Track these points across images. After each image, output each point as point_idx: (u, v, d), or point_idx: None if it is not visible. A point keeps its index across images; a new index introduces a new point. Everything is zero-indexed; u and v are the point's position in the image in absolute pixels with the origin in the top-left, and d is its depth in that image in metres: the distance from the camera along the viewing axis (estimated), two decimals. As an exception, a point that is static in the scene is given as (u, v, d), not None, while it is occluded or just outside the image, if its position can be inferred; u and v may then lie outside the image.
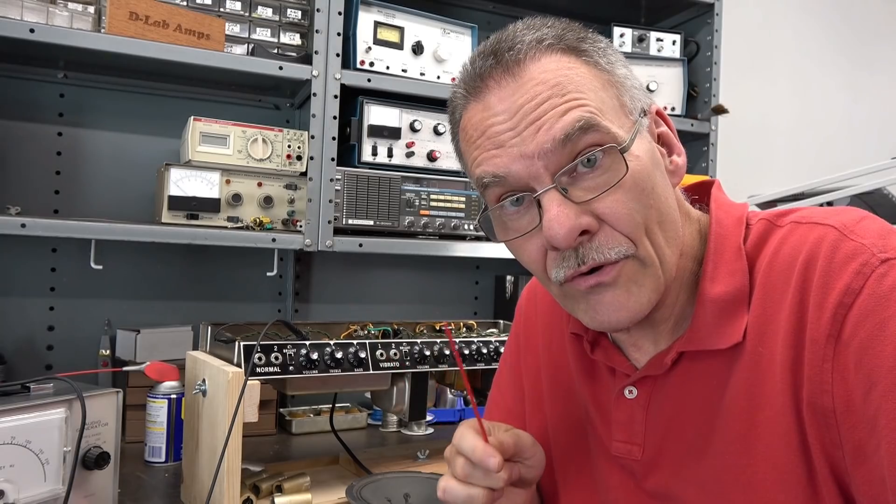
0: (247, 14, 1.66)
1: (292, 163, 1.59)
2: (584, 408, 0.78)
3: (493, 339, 1.36)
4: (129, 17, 1.43)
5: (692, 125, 2.00)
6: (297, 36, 1.71)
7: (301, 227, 1.58)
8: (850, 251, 0.58)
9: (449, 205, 1.70)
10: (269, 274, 1.62)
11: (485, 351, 1.32)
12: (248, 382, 1.05)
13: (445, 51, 1.72)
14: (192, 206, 1.49)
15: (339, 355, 1.16)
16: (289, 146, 1.59)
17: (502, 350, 1.10)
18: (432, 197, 1.68)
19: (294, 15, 1.71)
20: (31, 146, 1.64)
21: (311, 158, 1.57)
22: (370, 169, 1.63)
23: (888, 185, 1.56)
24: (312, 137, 1.57)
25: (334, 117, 1.58)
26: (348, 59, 1.62)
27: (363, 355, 1.18)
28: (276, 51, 1.67)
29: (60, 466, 0.96)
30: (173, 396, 1.41)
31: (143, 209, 1.70)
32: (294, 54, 1.69)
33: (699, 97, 2.05)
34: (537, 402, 0.86)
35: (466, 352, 1.30)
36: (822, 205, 1.63)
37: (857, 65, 2.92)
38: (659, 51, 2.01)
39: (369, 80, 1.62)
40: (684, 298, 0.69)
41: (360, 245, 1.59)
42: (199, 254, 1.80)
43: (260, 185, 1.58)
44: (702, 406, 0.66)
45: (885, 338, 0.54)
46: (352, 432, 1.70)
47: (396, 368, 1.22)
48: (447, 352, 1.27)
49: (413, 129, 1.68)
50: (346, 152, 1.65)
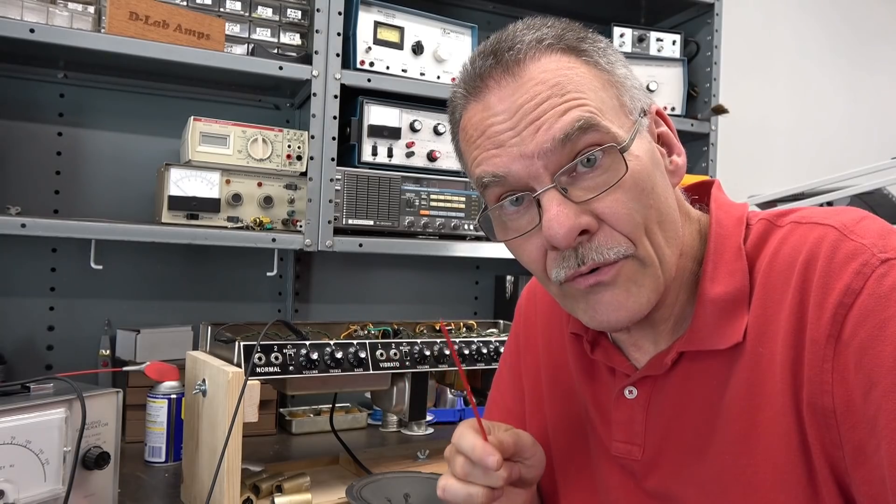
0: (247, 14, 1.66)
1: (292, 163, 1.59)
2: (584, 408, 0.78)
3: (493, 339, 1.36)
4: (129, 17, 1.43)
5: (692, 125, 2.00)
6: (297, 36, 1.71)
7: (301, 227, 1.58)
8: (851, 251, 0.58)
9: (449, 205, 1.70)
10: (269, 274, 1.62)
11: (485, 351, 1.32)
12: (248, 382, 1.05)
13: (445, 51, 1.72)
14: (192, 206, 1.49)
15: (339, 355, 1.16)
16: (289, 146, 1.59)
17: (502, 350, 1.10)
18: (432, 197, 1.68)
19: (294, 15, 1.71)
20: (31, 146, 1.64)
21: (311, 158, 1.57)
22: (370, 169, 1.63)
23: (888, 185, 1.56)
24: (312, 137, 1.57)
25: (334, 117, 1.58)
26: (348, 59, 1.62)
27: (363, 355, 1.18)
28: (276, 51, 1.67)
29: (60, 466, 0.96)
30: (173, 396, 1.41)
31: (143, 209, 1.70)
32: (294, 54, 1.69)
33: (699, 97, 2.05)
34: (537, 403, 0.86)
35: (466, 352, 1.30)
36: (822, 205, 1.63)
37: (857, 65, 2.92)
38: (659, 51, 2.01)
39: (369, 80, 1.62)
40: (684, 298, 0.69)
41: (360, 245, 1.59)
42: (199, 254, 1.80)
43: (260, 185, 1.58)
44: (702, 406, 0.66)
45: (886, 338, 0.54)
46: (352, 432, 1.70)
47: (396, 368, 1.22)
48: (447, 352, 1.27)
49: (413, 129, 1.68)
50: (346, 152, 1.65)
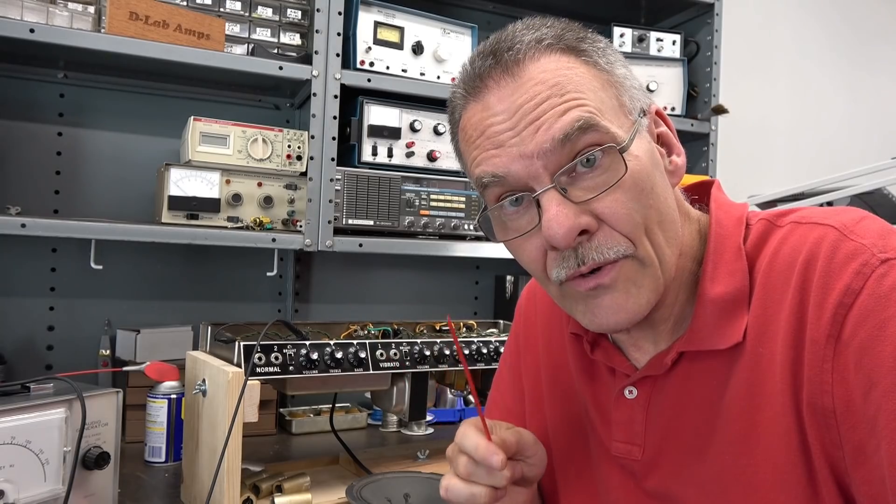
0: (247, 14, 1.66)
1: (292, 163, 1.59)
2: (584, 408, 0.78)
3: (493, 339, 1.36)
4: (129, 17, 1.43)
5: (692, 125, 2.00)
6: (297, 36, 1.71)
7: (301, 227, 1.58)
8: (850, 251, 0.58)
9: (449, 205, 1.70)
10: (269, 274, 1.61)
11: (485, 351, 1.32)
12: (248, 382, 1.05)
13: (445, 51, 1.72)
14: (192, 206, 1.49)
15: (339, 355, 1.16)
16: (289, 146, 1.59)
17: (502, 350, 1.10)
18: (432, 197, 1.68)
19: (294, 15, 1.70)
20: (31, 146, 1.64)
21: (311, 158, 1.57)
22: (370, 169, 1.63)
23: (888, 185, 1.56)
24: (312, 137, 1.57)
25: (334, 117, 1.58)
26: (348, 59, 1.62)
27: (363, 355, 1.18)
28: (276, 51, 1.67)
29: (60, 466, 0.96)
30: (173, 396, 1.41)
31: (143, 209, 1.70)
32: (294, 54, 1.69)
33: (699, 97, 2.05)
34: (537, 403, 0.86)
35: (466, 352, 1.31)
36: (822, 205, 1.63)
37: (857, 65, 2.92)
38: (659, 51, 2.01)
39: (369, 80, 1.62)
40: (684, 298, 0.69)
41: (360, 245, 1.59)
42: (199, 254, 1.80)
43: (260, 185, 1.58)
44: (702, 406, 0.66)
45: (885, 338, 0.54)
46: (352, 432, 1.70)
47: (396, 368, 1.22)
48: (447, 352, 1.27)
49: (413, 129, 1.68)
50: (346, 152, 1.65)
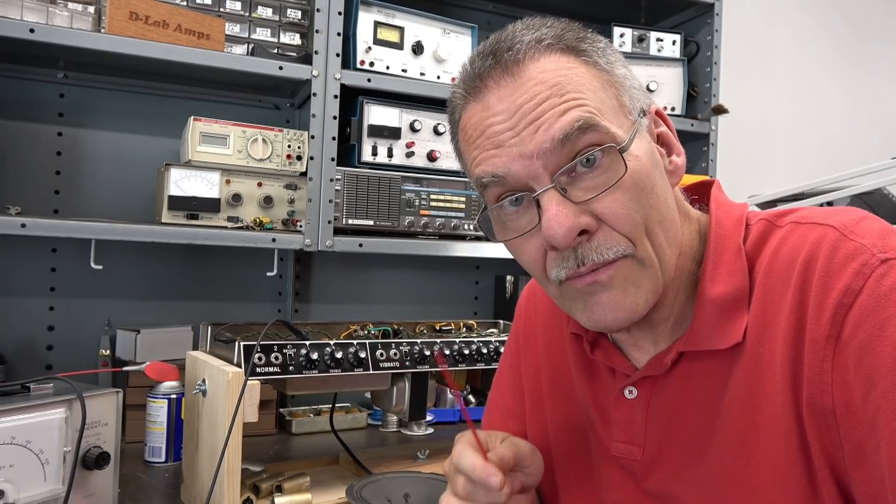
0: (247, 14, 1.66)
1: (292, 163, 1.59)
2: (584, 408, 0.78)
3: (493, 339, 1.36)
4: (129, 17, 1.43)
5: (692, 125, 2.00)
6: (297, 36, 1.71)
7: (301, 227, 1.58)
8: (850, 251, 0.58)
9: (449, 205, 1.70)
10: (269, 274, 1.62)
11: (485, 351, 1.32)
12: (248, 382, 1.05)
13: (445, 51, 1.72)
14: (192, 206, 1.49)
15: (339, 355, 1.16)
16: (289, 146, 1.59)
17: (502, 350, 1.10)
18: (432, 197, 1.68)
19: (294, 15, 1.70)
20: (31, 146, 1.64)
21: (311, 158, 1.57)
22: (370, 169, 1.63)
23: (888, 185, 1.56)
24: (312, 137, 1.57)
25: (334, 117, 1.58)
26: (348, 59, 1.62)
27: (363, 355, 1.18)
28: (276, 51, 1.67)
29: (60, 466, 0.96)
30: (173, 396, 1.41)
31: (143, 209, 1.70)
32: (294, 54, 1.69)
33: (699, 97, 2.05)
34: (537, 403, 0.86)
35: (466, 352, 1.30)
36: (822, 205, 1.63)
37: (857, 65, 2.92)
38: (659, 51, 2.01)
39: (369, 80, 1.62)
40: (683, 298, 0.69)
41: (360, 245, 1.59)
42: (199, 254, 1.80)
43: (260, 185, 1.58)
44: (702, 406, 0.66)
45: (885, 338, 0.54)
46: (352, 432, 1.70)
47: (396, 368, 1.22)
48: (447, 352, 1.27)
49: (413, 129, 1.68)
50: (346, 152, 1.65)
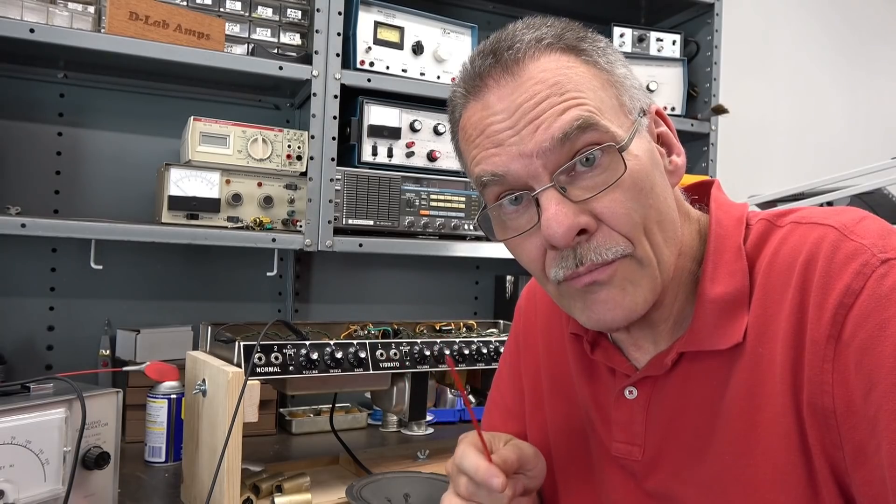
0: (247, 14, 1.66)
1: (292, 163, 1.59)
2: (584, 408, 0.78)
3: (493, 339, 1.36)
4: (129, 17, 1.43)
5: (692, 125, 1.99)
6: (297, 36, 1.71)
7: (301, 227, 1.58)
8: (851, 251, 0.58)
9: (449, 205, 1.70)
10: (269, 274, 1.62)
11: (485, 351, 1.32)
12: (248, 382, 1.05)
13: (445, 51, 1.72)
14: (192, 206, 1.49)
15: (339, 355, 1.16)
16: (289, 146, 1.59)
17: (502, 350, 1.10)
18: (432, 197, 1.68)
19: (294, 15, 1.70)
20: (31, 146, 1.64)
21: (311, 158, 1.57)
22: (370, 169, 1.63)
23: (888, 185, 1.56)
24: (312, 137, 1.57)
25: (334, 117, 1.58)
26: (348, 59, 1.62)
27: (363, 355, 1.18)
28: (276, 51, 1.67)
29: (60, 466, 0.96)
30: (173, 396, 1.41)
31: (143, 209, 1.70)
32: (294, 54, 1.69)
33: (699, 97, 2.05)
34: (537, 403, 0.86)
35: (466, 352, 1.30)
36: (822, 205, 1.62)
37: (857, 65, 2.92)
38: (659, 51, 2.01)
39: (369, 80, 1.62)
40: (683, 298, 0.69)
41: (360, 245, 1.59)
42: (199, 254, 1.80)
43: (260, 185, 1.58)
44: (702, 407, 0.66)
45: (886, 338, 0.54)
46: (352, 432, 1.70)
47: (396, 368, 1.22)
48: (447, 352, 1.27)
49: (413, 129, 1.68)
50: (346, 152, 1.65)
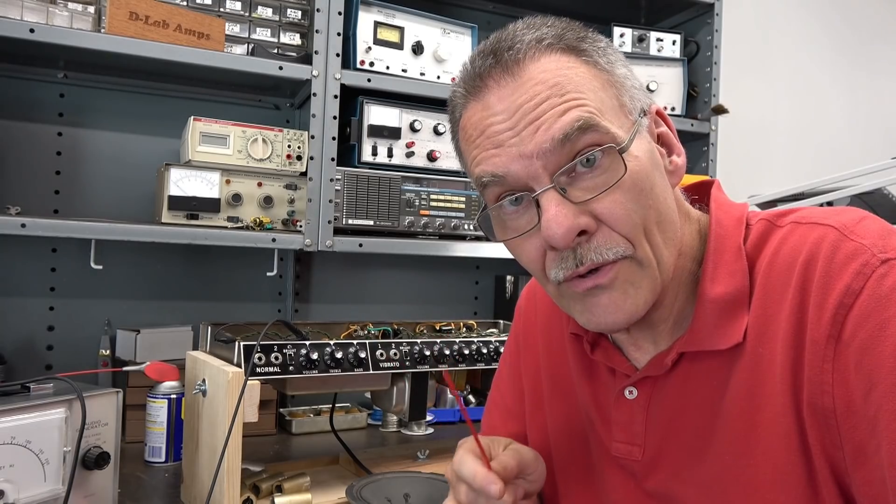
0: (247, 14, 1.66)
1: (292, 163, 1.59)
2: (584, 408, 0.78)
3: (493, 339, 1.36)
4: (129, 17, 1.43)
5: (692, 125, 1.99)
6: (297, 36, 1.71)
7: (301, 227, 1.58)
8: (851, 251, 0.58)
9: (449, 205, 1.70)
10: (269, 274, 1.61)
11: (485, 351, 1.32)
12: (248, 382, 1.05)
13: (445, 51, 1.72)
14: (192, 206, 1.49)
15: (339, 355, 1.16)
16: (289, 146, 1.59)
17: (502, 350, 1.10)
18: (432, 197, 1.68)
19: (294, 15, 1.70)
20: (31, 146, 1.64)
21: (311, 158, 1.57)
22: (370, 169, 1.63)
23: (888, 185, 1.56)
24: (312, 137, 1.57)
25: (334, 117, 1.58)
26: (348, 59, 1.62)
27: (363, 355, 1.18)
28: (276, 51, 1.67)
29: (60, 466, 0.96)
30: (173, 396, 1.41)
31: (143, 209, 1.70)
32: (294, 54, 1.69)
33: (699, 97, 2.04)
34: (537, 403, 0.86)
35: (466, 352, 1.30)
36: (822, 205, 1.62)
37: (857, 65, 2.92)
38: (659, 51, 2.01)
39: (369, 80, 1.62)
40: (683, 298, 0.69)
41: (360, 245, 1.59)
42: (199, 254, 1.80)
43: (260, 185, 1.58)
44: (702, 407, 0.66)
45: (886, 338, 0.54)
46: (352, 432, 1.70)
47: (396, 368, 1.22)
48: (447, 352, 1.27)
49: (413, 129, 1.68)
50: (346, 152, 1.65)
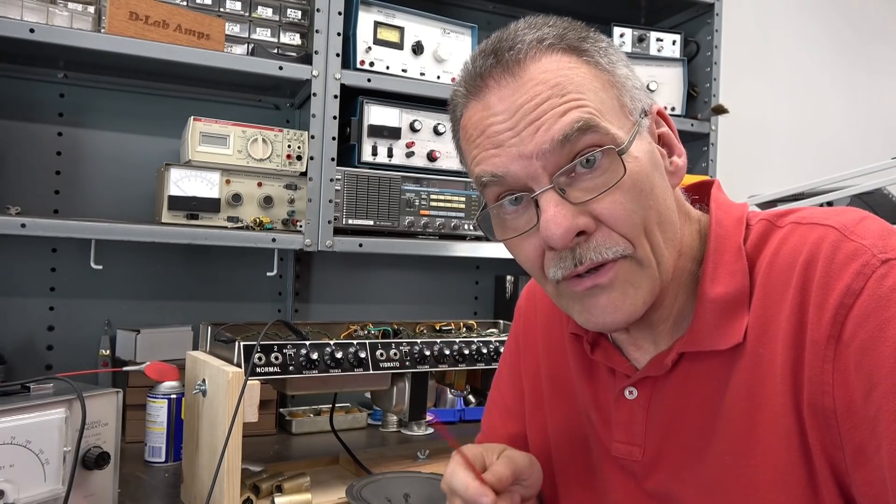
0: (247, 14, 1.66)
1: (292, 163, 1.59)
2: (584, 408, 0.78)
3: (493, 339, 1.36)
4: (129, 17, 1.43)
5: (692, 125, 1.99)
6: (297, 36, 1.71)
7: (301, 227, 1.58)
8: (851, 252, 0.58)
9: (449, 205, 1.70)
10: (269, 274, 1.61)
11: (485, 351, 1.32)
12: (248, 382, 1.05)
13: (445, 51, 1.72)
14: (192, 206, 1.49)
15: (339, 355, 1.16)
16: (289, 146, 1.59)
17: (502, 350, 1.10)
18: (432, 197, 1.68)
19: (294, 15, 1.70)
20: (31, 146, 1.64)
21: (311, 158, 1.57)
22: (370, 169, 1.63)
23: (888, 185, 1.56)
24: (312, 137, 1.57)
25: (334, 117, 1.58)
26: (348, 59, 1.62)
27: (363, 355, 1.18)
28: (276, 51, 1.67)
29: (60, 466, 0.96)
30: (173, 396, 1.41)
31: (143, 209, 1.70)
32: (294, 54, 1.69)
33: (699, 97, 2.04)
34: (537, 403, 0.86)
35: (466, 352, 1.30)
36: (822, 205, 1.62)
37: (857, 65, 2.92)
38: (659, 51, 2.01)
39: (369, 80, 1.62)
40: (683, 298, 0.69)
41: (360, 245, 1.59)
42: (199, 254, 1.80)
43: (260, 185, 1.58)
44: (702, 407, 0.66)
45: (886, 339, 0.54)
46: (352, 432, 1.70)
47: (396, 368, 1.22)
48: (447, 352, 1.27)
49: (413, 129, 1.68)
50: (346, 152, 1.65)
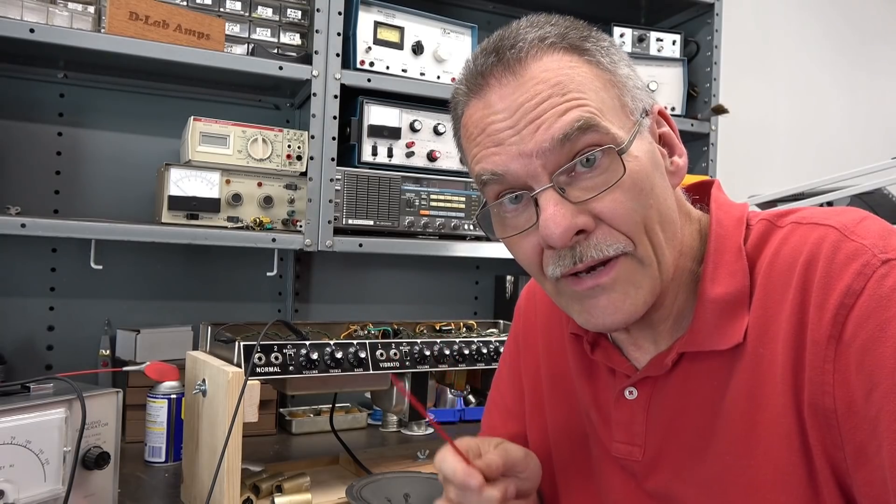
0: (247, 14, 1.66)
1: (292, 163, 1.59)
2: (585, 408, 0.78)
3: (493, 339, 1.35)
4: (129, 17, 1.43)
5: (692, 125, 1.99)
6: (297, 36, 1.71)
7: (301, 227, 1.58)
8: (851, 252, 0.58)
9: (449, 205, 1.70)
10: (269, 274, 1.61)
11: (485, 351, 1.32)
12: (248, 382, 1.05)
13: (445, 51, 1.72)
14: (192, 206, 1.49)
15: (339, 355, 1.16)
16: (289, 146, 1.59)
17: (502, 350, 1.10)
18: (432, 197, 1.68)
19: (294, 15, 1.70)
20: (31, 146, 1.64)
21: (311, 158, 1.57)
22: (370, 169, 1.63)
23: (888, 185, 1.56)
24: (312, 137, 1.57)
25: (334, 117, 1.58)
26: (348, 59, 1.62)
27: (363, 355, 1.18)
28: (276, 51, 1.67)
29: (60, 466, 0.96)
30: (173, 396, 1.41)
31: (143, 209, 1.70)
32: (294, 54, 1.69)
33: (699, 97, 2.04)
34: (537, 403, 0.86)
35: (466, 352, 1.30)
36: (822, 205, 1.62)
37: (857, 65, 2.92)
38: (659, 51, 2.01)
39: (369, 80, 1.62)
40: (683, 298, 0.69)
41: (360, 245, 1.59)
42: (199, 254, 1.80)
43: (260, 185, 1.58)
44: (702, 407, 0.66)
45: (887, 339, 0.54)
46: (352, 432, 1.70)
47: (396, 368, 1.22)
48: (447, 352, 1.27)
49: (413, 129, 1.68)
50: (346, 152, 1.65)
